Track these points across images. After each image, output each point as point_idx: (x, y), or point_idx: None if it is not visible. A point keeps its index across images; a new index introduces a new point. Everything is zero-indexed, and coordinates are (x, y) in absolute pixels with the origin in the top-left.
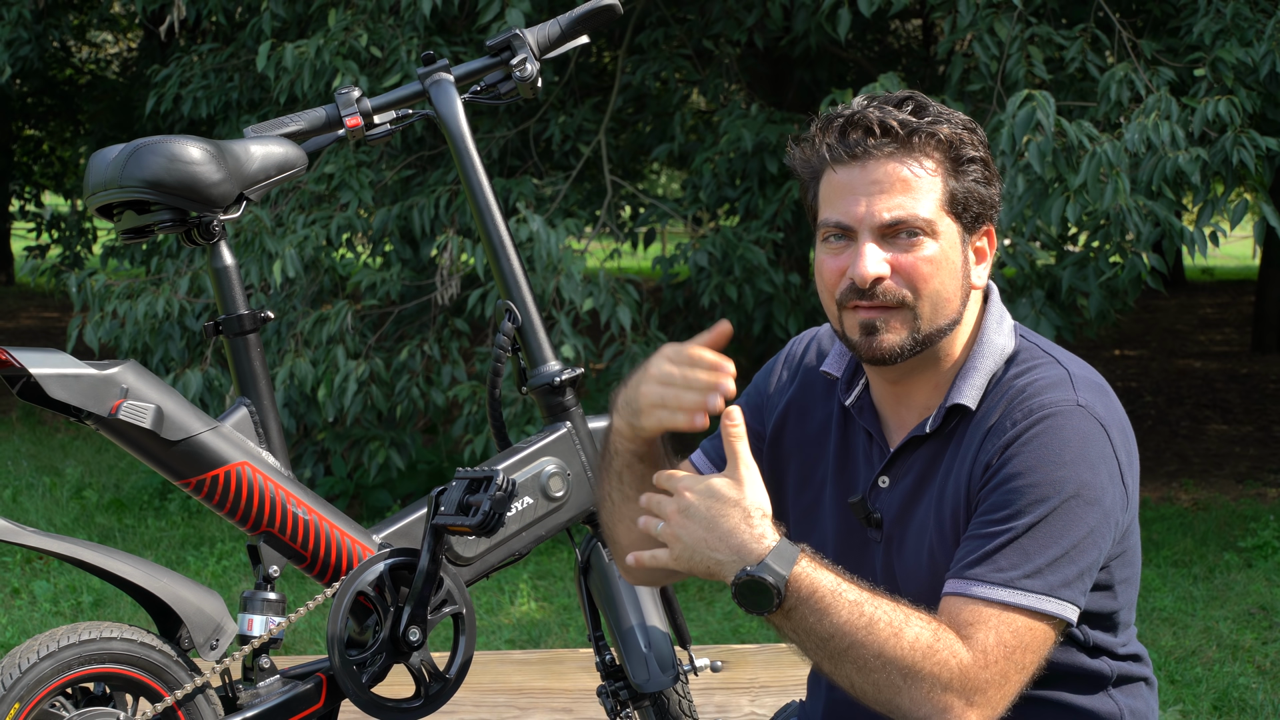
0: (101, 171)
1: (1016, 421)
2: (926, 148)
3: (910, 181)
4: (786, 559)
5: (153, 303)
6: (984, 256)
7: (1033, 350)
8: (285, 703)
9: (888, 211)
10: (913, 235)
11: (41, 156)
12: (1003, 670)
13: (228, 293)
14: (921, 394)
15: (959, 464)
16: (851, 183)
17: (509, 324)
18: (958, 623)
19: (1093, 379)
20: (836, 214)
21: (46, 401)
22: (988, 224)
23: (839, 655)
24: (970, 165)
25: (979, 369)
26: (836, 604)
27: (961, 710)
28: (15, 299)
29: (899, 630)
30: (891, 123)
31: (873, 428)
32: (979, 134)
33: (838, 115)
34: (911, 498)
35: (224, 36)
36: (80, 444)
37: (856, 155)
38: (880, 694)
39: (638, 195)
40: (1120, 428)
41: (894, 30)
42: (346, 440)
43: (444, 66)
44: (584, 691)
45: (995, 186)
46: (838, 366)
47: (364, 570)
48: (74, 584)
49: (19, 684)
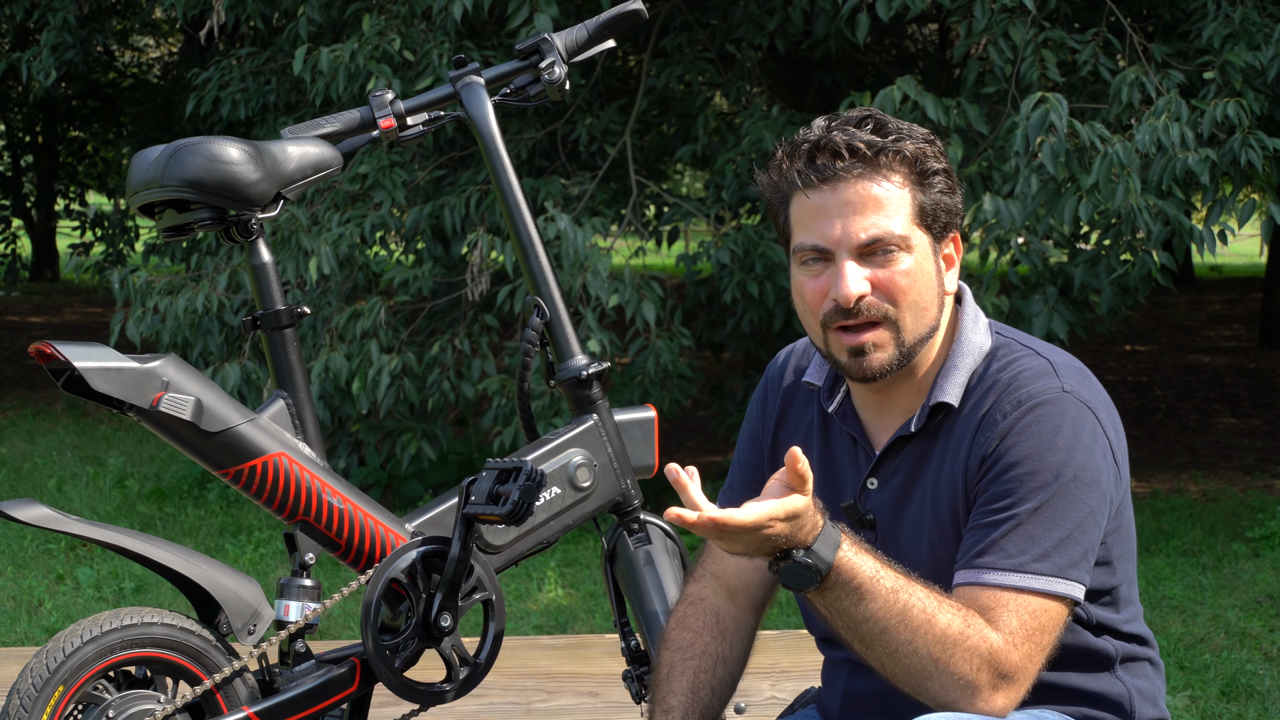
0: (143, 171)
1: (1008, 413)
2: (893, 165)
3: (881, 199)
4: (831, 544)
5: (192, 298)
6: (952, 262)
7: (1011, 345)
8: (320, 686)
9: (864, 232)
10: (888, 251)
11: (85, 157)
12: (1027, 652)
13: (265, 289)
14: (904, 397)
15: (950, 459)
16: (824, 205)
17: (537, 319)
18: (977, 609)
19: (1073, 364)
20: (812, 237)
21: (90, 394)
22: (954, 231)
23: (871, 639)
24: (935, 177)
25: (959, 367)
26: (874, 590)
27: (990, 694)
28: (60, 295)
29: (932, 617)
30: (858, 144)
31: (857, 432)
32: (938, 145)
33: (803, 141)
34: (903, 496)
35: (262, 41)
36: (122, 435)
37: (826, 178)
38: (910, 678)
39: (662, 195)
40: (1106, 408)
41: (911, 34)
42: (380, 432)
43: (475, 70)
44: (610, 676)
45: (957, 194)
46: (818, 376)
47: (397, 558)
48: (116, 571)
49: (63, 667)
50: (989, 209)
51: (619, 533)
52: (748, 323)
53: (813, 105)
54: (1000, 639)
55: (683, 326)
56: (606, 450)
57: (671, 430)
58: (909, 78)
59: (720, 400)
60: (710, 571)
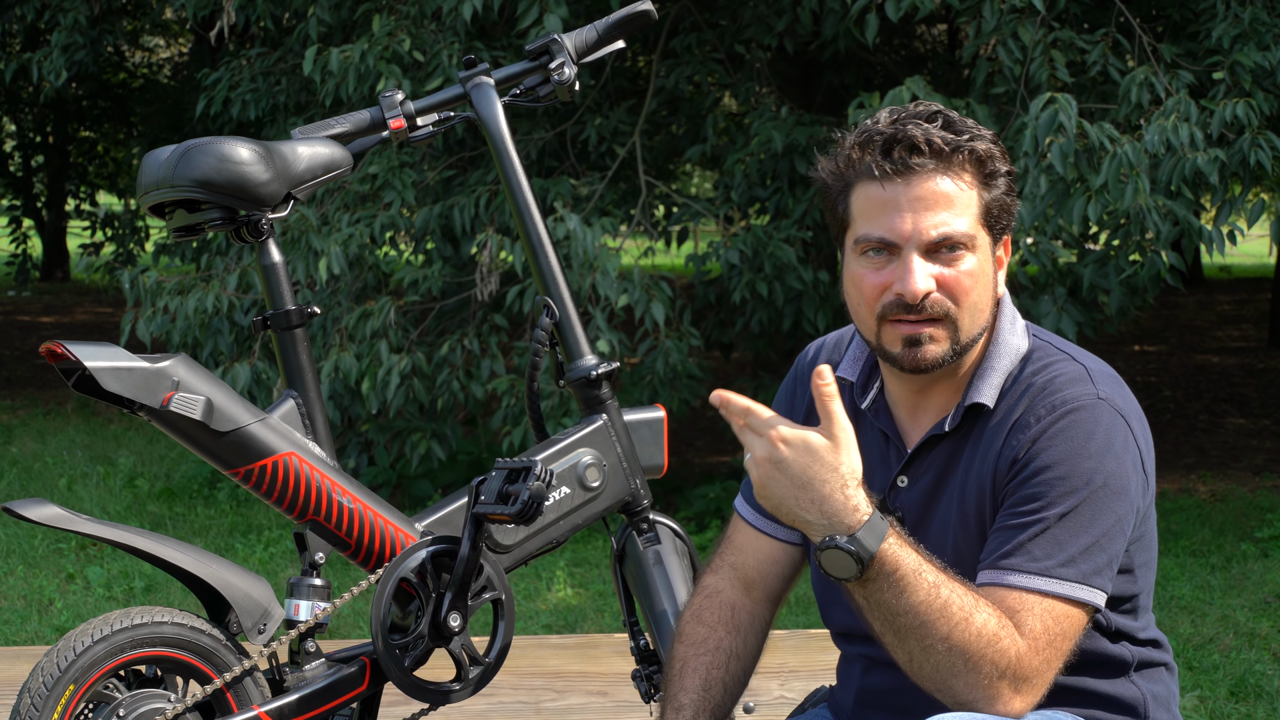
0: (154, 171)
1: (1041, 417)
2: (965, 164)
3: (952, 197)
4: (877, 534)
5: (203, 298)
6: (1002, 264)
7: (1047, 349)
8: (330, 685)
9: (934, 229)
10: (954, 249)
11: (96, 157)
12: (1047, 658)
13: (275, 289)
14: (940, 396)
15: (980, 460)
16: (895, 199)
17: (547, 319)
18: (1002, 611)
19: (1107, 372)
20: (879, 229)
21: (100, 394)
22: (1008, 233)
23: (906, 631)
24: (1000, 178)
25: (996, 369)
26: (917, 584)
27: (1009, 697)
28: (71, 294)
29: (969, 615)
30: (935, 140)
31: (889, 429)
32: (1002, 146)
33: (878, 132)
34: (932, 495)
35: (272, 41)
36: (133, 435)
37: (900, 171)
38: (938, 674)
39: (671, 195)
40: (1138, 417)
41: (920, 35)
42: (389, 431)
43: (484, 70)
44: (619, 675)
45: (1016, 196)
46: (852, 371)
47: (407, 557)
48: (126, 570)
49: (74, 666)
50: None
51: (628, 532)
52: (757, 323)
53: (822, 106)
54: (1025, 643)
55: (692, 327)
56: (616, 450)
57: (680, 430)
58: (918, 78)
59: None
60: (728, 563)
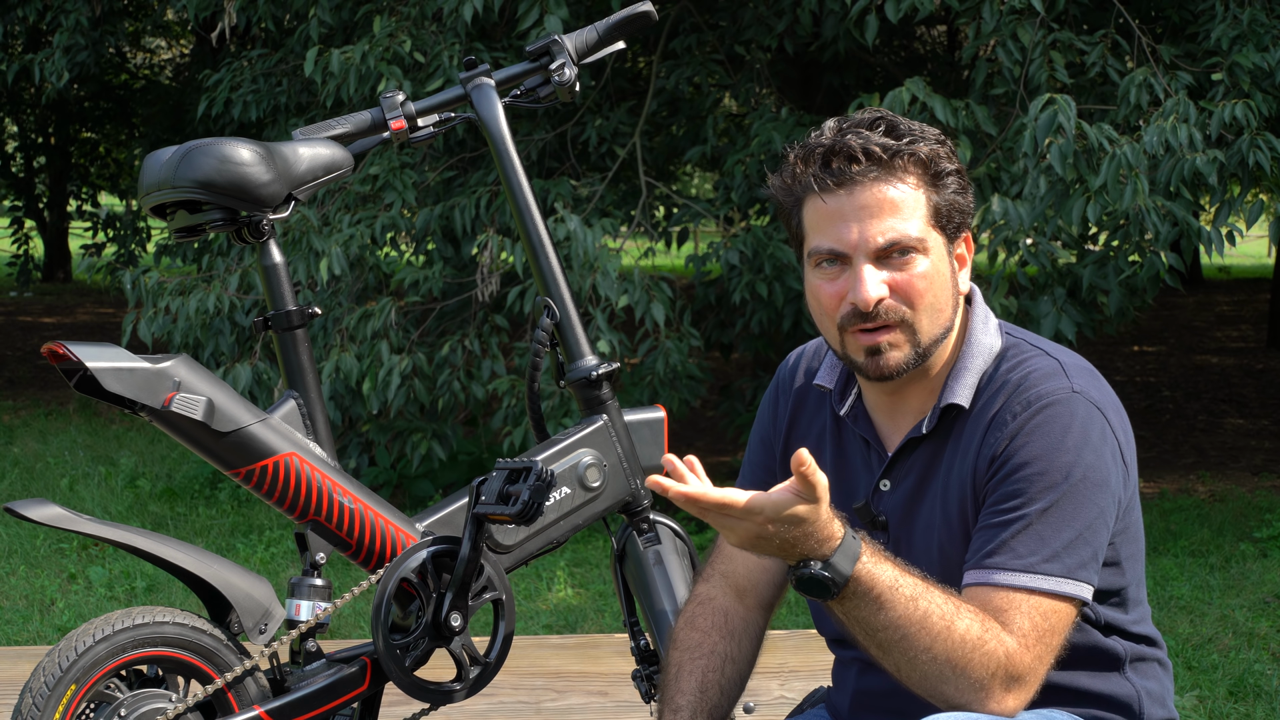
0: (155, 172)
1: (1017, 413)
2: (908, 167)
3: (897, 202)
4: (850, 555)
5: (204, 299)
6: (964, 262)
7: (1020, 345)
8: (331, 685)
9: (881, 235)
10: (905, 254)
11: (98, 158)
12: (1038, 654)
13: (276, 289)
14: (916, 398)
15: (960, 460)
16: (840, 209)
17: (547, 320)
18: (989, 610)
19: (1082, 365)
20: (829, 241)
21: (102, 394)
22: (966, 231)
23: (889, 645)
24: (948, 178)
25: (970, 368)
26: (893, 599)
27: (1001, 696)
28: (72, 295)
29: (950, 623)
30: (873, 147)
31: (869, 434)
32: (949, 145)
33: (816, 144)
34: (914, 497)
35: (273, 42)
36: (134, 435)
37: (842, 182)
38: (926, 682)
39: (671, 196)
40: (1115, 408)
41: (919, 36)
42: (390, 432)
43: (485, 71)
44: (619, 675)
45: (969, 194)
46: (830, 378)
47: (407, 557)
48: (128, 570)
49: (75, 666)
50: (997, 210)
51: (628, 532)
52: (757, 323)
53: (821, 107)
54: (1014, 641)
55: (692, 327)
56: (616, 450)
57: (681, 431)
58: (918, 79)
59: (729, 401)
60: (719, 572)
